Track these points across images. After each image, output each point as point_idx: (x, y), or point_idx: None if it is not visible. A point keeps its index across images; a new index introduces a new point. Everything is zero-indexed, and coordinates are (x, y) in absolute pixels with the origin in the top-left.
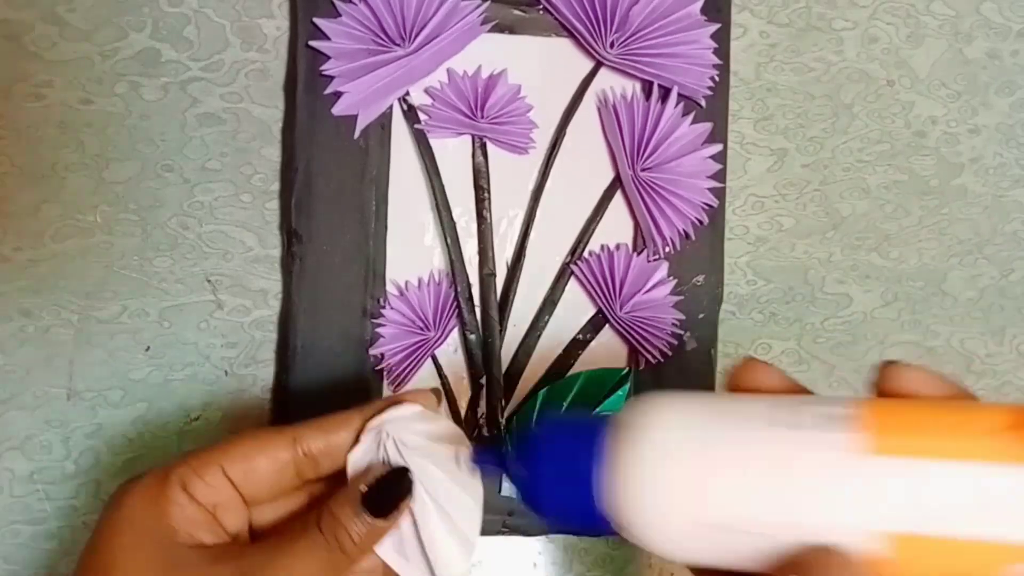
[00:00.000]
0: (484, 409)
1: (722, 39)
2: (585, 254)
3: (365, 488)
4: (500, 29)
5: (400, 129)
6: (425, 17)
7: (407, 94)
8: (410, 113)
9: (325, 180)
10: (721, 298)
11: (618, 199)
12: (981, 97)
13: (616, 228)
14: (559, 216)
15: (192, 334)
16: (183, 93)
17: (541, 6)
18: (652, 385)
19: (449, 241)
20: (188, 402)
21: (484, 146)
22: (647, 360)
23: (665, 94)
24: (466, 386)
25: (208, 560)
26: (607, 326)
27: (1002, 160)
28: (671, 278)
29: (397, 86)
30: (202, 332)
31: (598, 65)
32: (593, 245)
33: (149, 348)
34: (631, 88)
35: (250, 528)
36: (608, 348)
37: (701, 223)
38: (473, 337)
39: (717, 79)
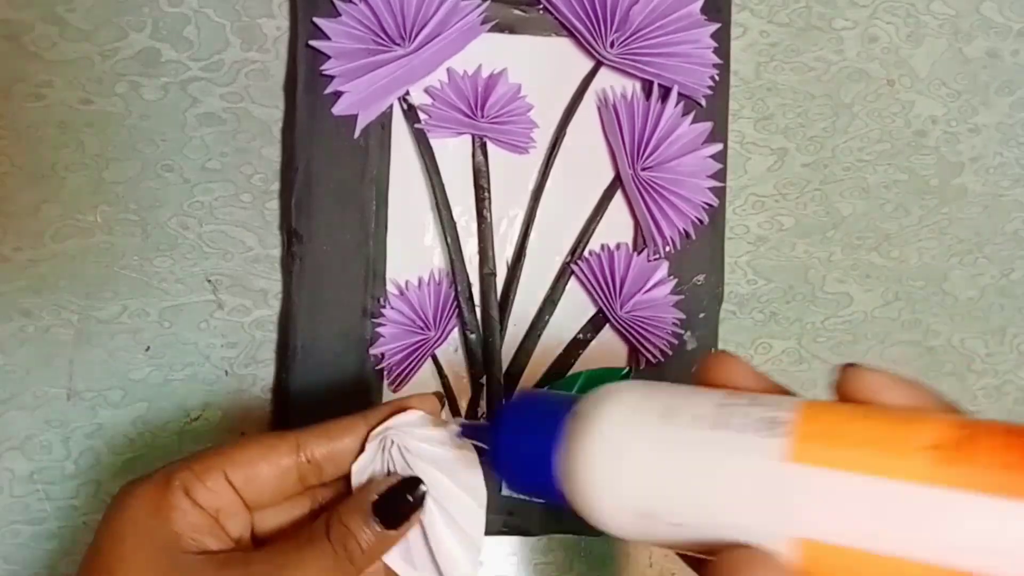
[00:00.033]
0: (484, 409)
1: (722, 38)
2: (585, 254)
3: (376, 497)
4: (500, 29)
5: (400, 129)
6: (425, 17)
7: (407, 94)
8: (410, 113)
9: (325, 180)
10: (721, 297)
11: (618, 199)
12: (981, 97)
13: (616, 228)
14: (559, 216)
15: (192, 334)
16: (183, 93)
17: (541, 6)
18: None
19: (449, 241)
20: (188, 402)
21: (484, 146)
22: (647, 360)
23: (665, 94)
24: (466, 386)
25: (214, 567)
26: (607, 326)
27: (1002, 160)
28: (671, 277)
29: (397, 86)
30: (202, 332)
31: (598, 65)
32: (593, 245)
33: (149, 348)
34: (631, 88)
35: (252, 533)
36: (608, 348)
37: (701, 222)
38: (473, 337)
39: (717, 79)
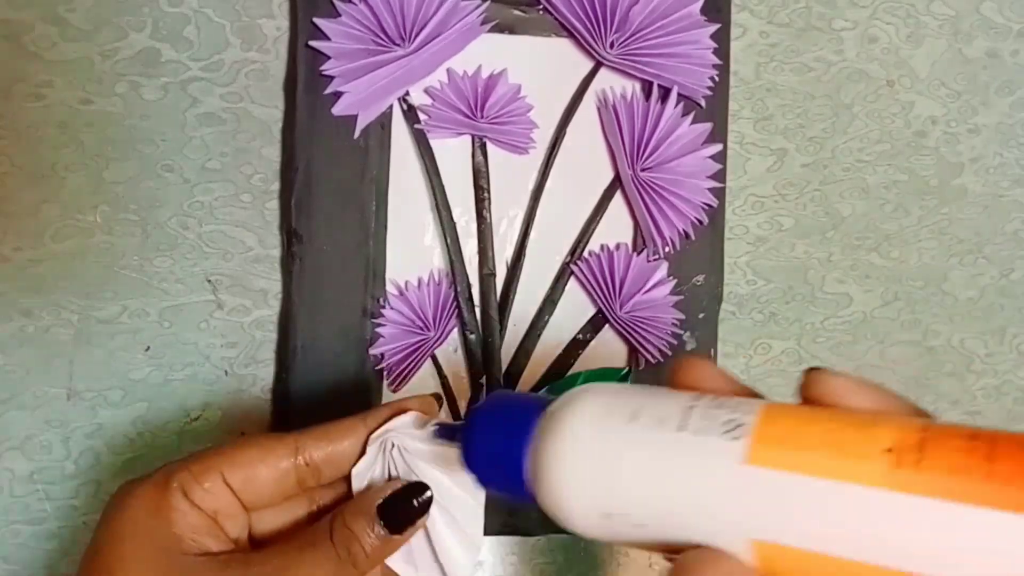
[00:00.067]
0: None
1: (722, 39)
2: (585, 254)
3: (381, 501)
4: (500, 29)
5: (400, 129)
6: (425, 17)
7: (407, 94)
8: (410, 113)
9: (325, 180)
10: (721, 298)
11: (618, 199)
12: (981, 97)
13: (616, 228)
14: (559, 216)
15: (192, 334)
16: (183, 93)
17: (541, 6)
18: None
19: (449, 241)
20: (188, 402)
21: (484, 146)
22: (647, 360)
23: (665, 94)
24: (466, 386)
25: (214, 569)
26: (607, 326)
27: (1002, 160)
28: (671, 278)
29: (397, 86)
30: (202, 332)
31: (598, 65)
32: (593, 245)
33: (149, 348)
34: (631, 88)
35: (249, 534)
36: (608, 348)
37: (701, 223)
38: (473, 337)
39: (717, 79)
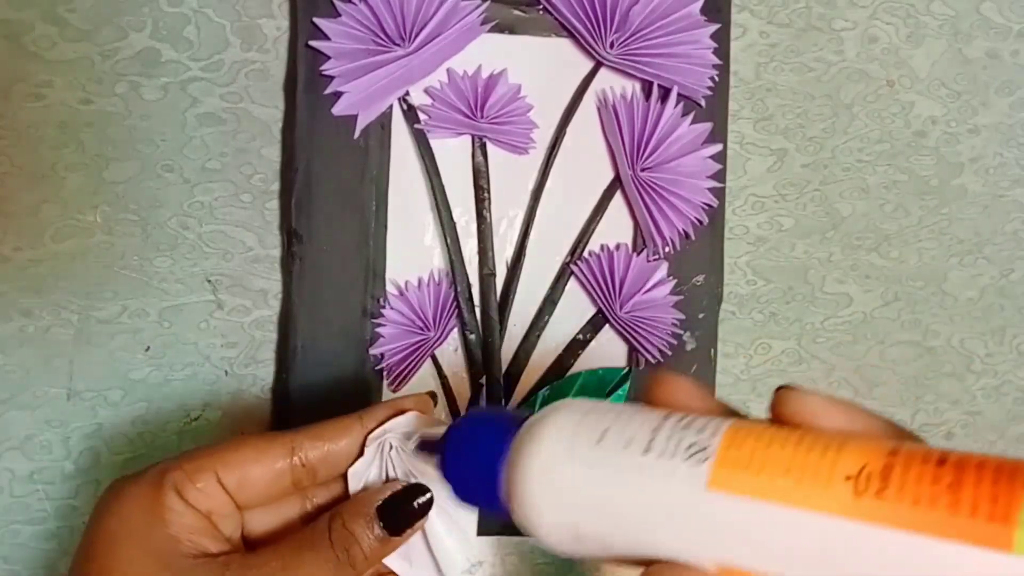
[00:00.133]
0: None
1: (722, 39)
2: (585, 254)
3: (380, 502)
4: (500, 29)
5: (400, 129)
6: (425, 17)
7: (407, 94)
8: (410, 113)
9: (325, 180)
10: (721, 298)
11: (618, 199)
12: (981, 97)
13: (616, 228)
14: (559, 216)
15: (192, 334)
16: (183, 93)
17: (541, 6)
18: None
19: (449, 241)
20: (188, 402)
21: (484, 146)
22: (647, 360)
23: (665, 94)
24: (466, 386)
25: (215, 571)
26: (607, 326)
27: (1002, 160)
28: (671, 278)
29: (397, 86)
30: (202, 332)
31: (598, 65)
32: (593, 245)
33: (149, 348)
34: (631, 88)
35: (242, 533)
36: (608, 348)
37: (701, 223)
38: (473, 337)
39: (717, 79)
